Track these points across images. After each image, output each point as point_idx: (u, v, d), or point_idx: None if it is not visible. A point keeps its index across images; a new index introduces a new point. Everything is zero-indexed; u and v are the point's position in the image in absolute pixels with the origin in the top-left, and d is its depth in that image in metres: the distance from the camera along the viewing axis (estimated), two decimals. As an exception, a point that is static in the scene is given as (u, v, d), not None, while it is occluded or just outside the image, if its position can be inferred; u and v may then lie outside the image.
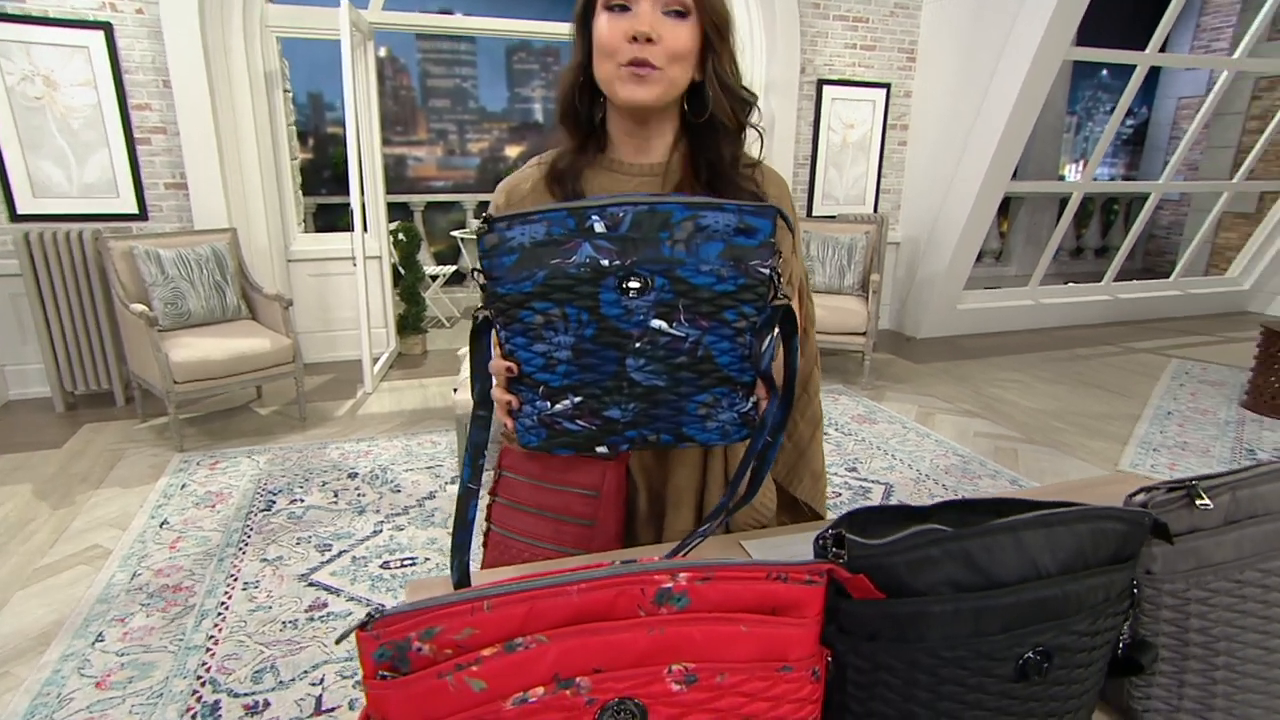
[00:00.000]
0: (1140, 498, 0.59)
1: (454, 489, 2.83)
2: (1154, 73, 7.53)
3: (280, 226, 4.21)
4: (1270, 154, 6.47)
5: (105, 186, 3.60)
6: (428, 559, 2.33)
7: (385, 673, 0.41)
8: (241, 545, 2.38)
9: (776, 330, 0.67)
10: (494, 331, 0.70)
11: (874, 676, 0.48)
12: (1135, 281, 6.30)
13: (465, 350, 3.38)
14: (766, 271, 0.68)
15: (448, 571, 2.24)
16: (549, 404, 0.70)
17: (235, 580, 2.18)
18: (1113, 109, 9.38)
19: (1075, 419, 3.63)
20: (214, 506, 2.64)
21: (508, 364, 0.69)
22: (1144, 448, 3.26)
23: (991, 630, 0.47)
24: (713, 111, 0.84)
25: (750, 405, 0.71)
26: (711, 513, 0.67)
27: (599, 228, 0.66)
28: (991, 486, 2.87)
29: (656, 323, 0.67)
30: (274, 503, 2.69)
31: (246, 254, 3.81)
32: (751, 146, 0.92)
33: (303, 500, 2.71)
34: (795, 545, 0.90)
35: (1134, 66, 5.00)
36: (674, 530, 0.95)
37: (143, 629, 1.94)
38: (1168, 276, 6.51)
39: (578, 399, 0.69)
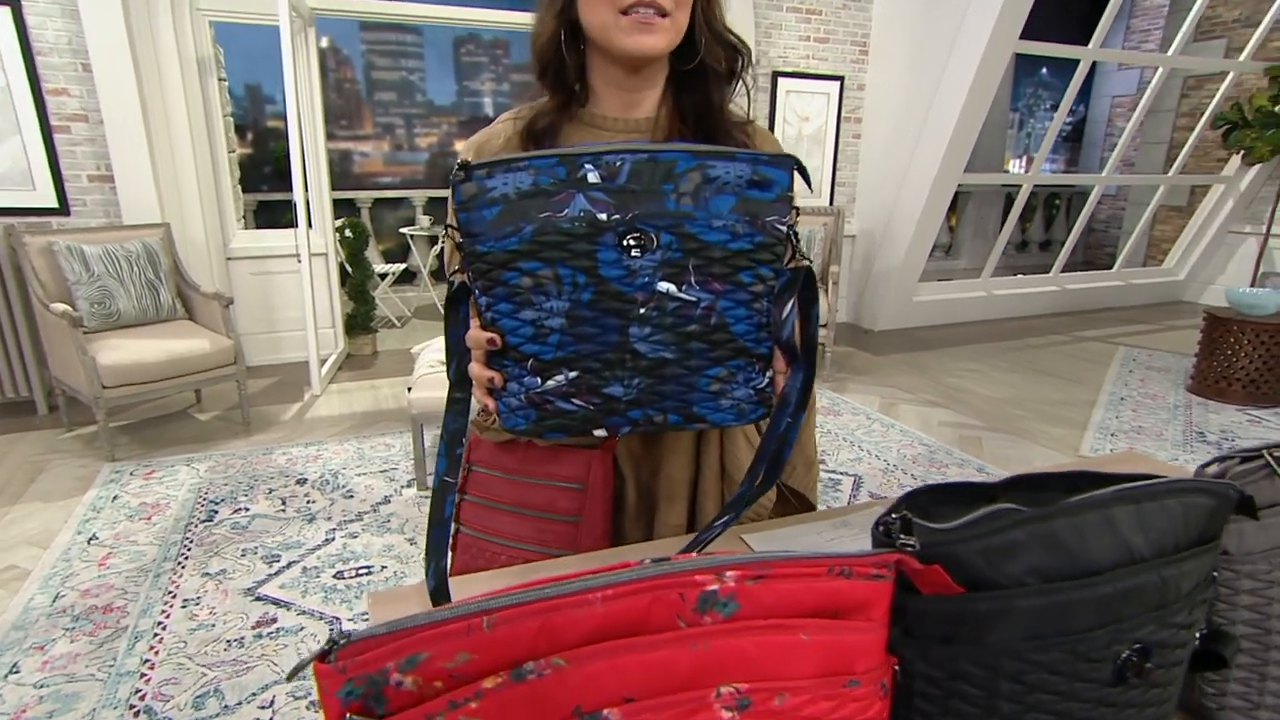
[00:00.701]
0: (1214, 469, 0.53)
1: (410, 493, 2.69)
2: (1089, 73, 7.77)
3: (218, 222, 3.98)
4: (1199, 150, 6.72)
5: (19, 178, 3.34)
6: (384, 567, 2.20)
7: (355, 716, 0.32)
8: (180, 559, 2.21)
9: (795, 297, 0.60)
10: (472, 299, 0.61)
11: (949, 687, 0.40)
12: (1080, 273, 6.48)
13: (419, 348, 3.23)
14: (784, 229, 0.60)
15: (410, 581, 2.07)
16: (539, 380, 0.60)
17: (174, 598, 2.01)
18: (1052, 106, 9.66)
19: (1034, 406, 3.68)
20: (149, 519, 2.45)
21: (490, 335, 0.59)
22: (1102, 433, 3.31)
23: (1087, 626, 0.39)
24: (703, 58, 0.77)
25: (767, 381, 0.63)
26: (732, 501, 0.59)
27: (593, 178, 0.58)
28: (960, 475, 2.87)
29: (664, 285, 0.58)
30: (216, 513, 2.51)
31: (182, 251, 3.58)
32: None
33: (247, 509, 2.54)
34: (801, 538, 0.83)
35: (1072, 67, 5.12)
36: (667, 525, 0.87)
37: (66, 656, 1.76)
38: (1107, 268, 6.72)
39: (573, 374, 0.60)
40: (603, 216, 0.57)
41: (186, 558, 2.22)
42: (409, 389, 2.72)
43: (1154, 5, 8.70)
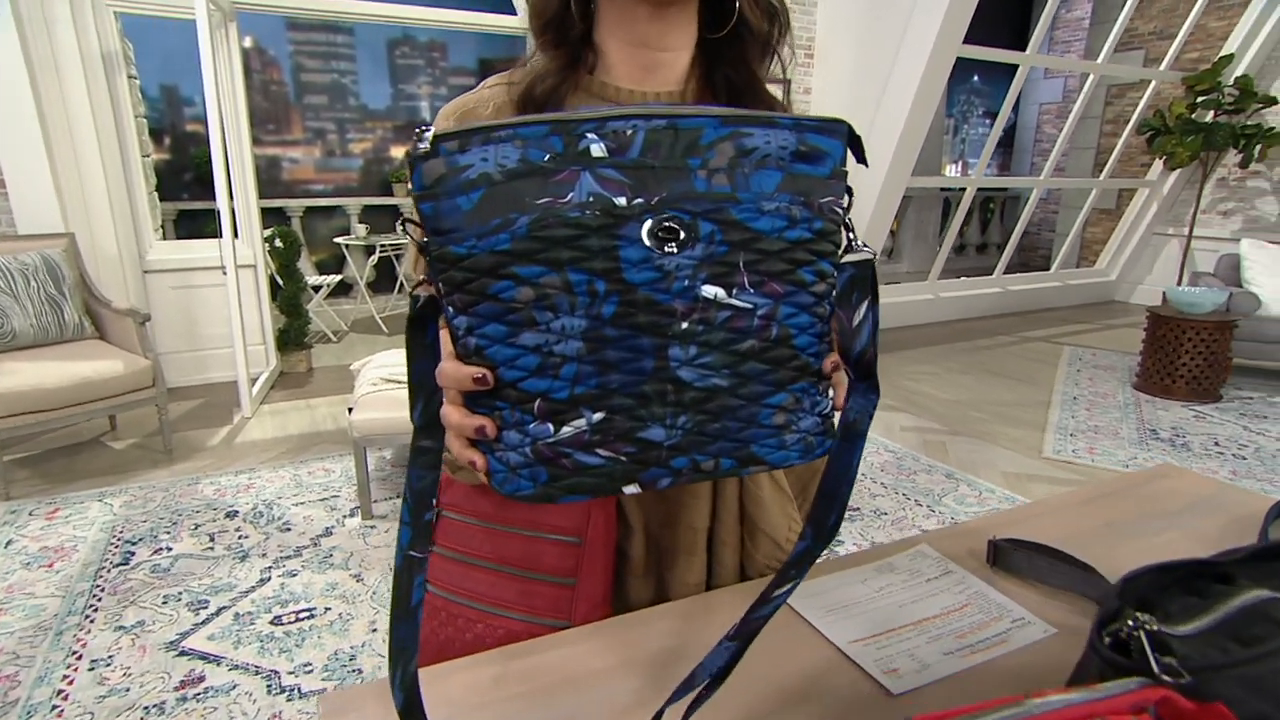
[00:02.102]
0: None
1: (354, 523, 2.47)
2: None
3: (133, 232, 3.66)
4: (1124, 155, 7.00)
5: (-106, 184, 2.98)
6: (328, 609, 1.99)
7: None
8: (89, 612, 1.95)
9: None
10: (444, 317, 0.45)
11: None
12: (1021, 274, 6.64)
13: (359, 364, 3.01)
14: (841, 212, 0.47)
15: (357, 624, 1.82)
16: (550, 427, 0.45)
17: (79, 659, 1.76)
18: (985, 113, 9.95)
19: (991, 408, 3.68)
20: (51, 565, 2.17)
21: (476, 370, 0.43)
22: (1061, 433, 3.32)
23: None
24: (738, 20, 0.63)
25: (830, 404, 0.49)
26: (794, 560, 0.46)
27: (597, 150, 0.43)
28: (929, 481, 2.81)
29: (709, 289, 0.44)
30: (133, 555, 2.25)
31: (90, 263, 3.27)
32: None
33: (170, 549, 2.29)
34: (844, 589, 0.70)
35: (1002, 74, 5.25)
36: (684, 584, 0.72)
37: (-54, 740, 1.51)
38: (1039, 270, 6.91)
39: (598, 415, 0.44)
40: (620, 201, 0.43)
41: (96, 609, 1.96)
42: (350, 409, 2.50)
43: (1075, 18, 9.08)
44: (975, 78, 9.63)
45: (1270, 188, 6.04)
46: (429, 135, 0.42)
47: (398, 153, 7.54)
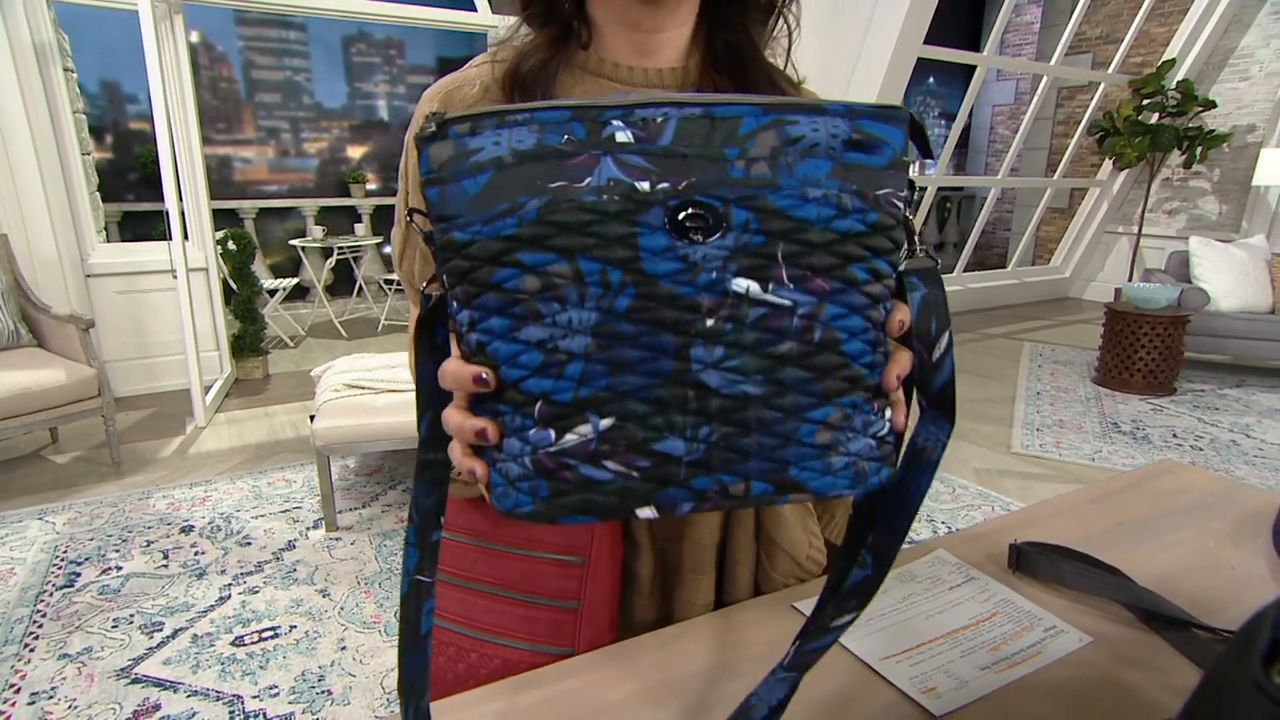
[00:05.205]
0: None
1: (318, 535, 2.37)
2: (972, 83, 8.20)
3: (73, 234, 3.48)
4: (1075, 156, 7.20)
5: None
6: (294, 627, 1.89)
7: None
8: (28, 640, 1.82)
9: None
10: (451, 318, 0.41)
11: None
12: (980, 272, 6.77)
13: (320, 370, 2.90)
14: (901, 207, 0.42)
15: (325, 642, 1.73)
16: (551, 434, 0.39)
17: (16, 692, 1.63)
18: (941, 114, 10.14)
19: (960, 405, 3.72)
20: (-11, 590, 2.04)
21: (478, 370, 0.39)
22: (1028, 428, 3.37)
23: None
24: None
25: (887, 426, 0.44)
26: (850, 590, 0.42)
27: (623, 137, 0.39)
28: (903, 478, 2.82)
29: (741, 284, 0.39)
30: (78, 575, 2.12)
31: (25, 267, 3.09)
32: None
33: (120, 568, 2.16)
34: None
35: (957, 75, 5.33)
36: (692, 604, 0.67)
37: None
38: (995, 268, 7.06)
39: (606, 422, 0.39)
40: (644, 186, 0.38)
41: (36, 637, 1.83)
42: (311, 417, 2.40)
43: (1025, 22, 9.32)
44: (931, 79, 9.83)
45: (1211, 188, 6.27)
46: (439, 115, 0.38)
47: (355, 152, 7.36)
